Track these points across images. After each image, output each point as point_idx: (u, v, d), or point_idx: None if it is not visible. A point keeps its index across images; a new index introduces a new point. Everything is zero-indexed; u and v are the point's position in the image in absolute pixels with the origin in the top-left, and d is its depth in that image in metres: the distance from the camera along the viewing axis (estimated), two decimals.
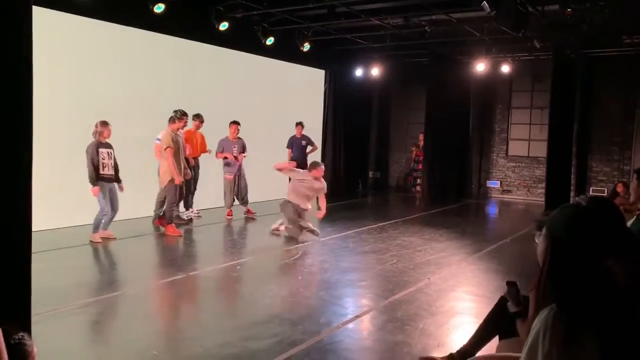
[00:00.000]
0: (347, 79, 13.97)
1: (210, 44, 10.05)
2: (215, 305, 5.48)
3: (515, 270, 6.53)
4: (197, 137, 9.35)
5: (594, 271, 1.71)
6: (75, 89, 8.24)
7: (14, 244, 2.91)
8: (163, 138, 8.15)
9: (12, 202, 2.85)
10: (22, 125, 2.84)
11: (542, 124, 13.15)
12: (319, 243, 8.08)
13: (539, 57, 12.52)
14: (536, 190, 13.55)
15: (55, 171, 7.61)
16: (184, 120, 8.44)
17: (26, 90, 2.83)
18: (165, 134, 8.17)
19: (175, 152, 8.10)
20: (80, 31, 8.25)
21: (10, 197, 2.83)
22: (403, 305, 5.17)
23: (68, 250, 7.06)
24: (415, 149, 14.31)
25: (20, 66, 2.78)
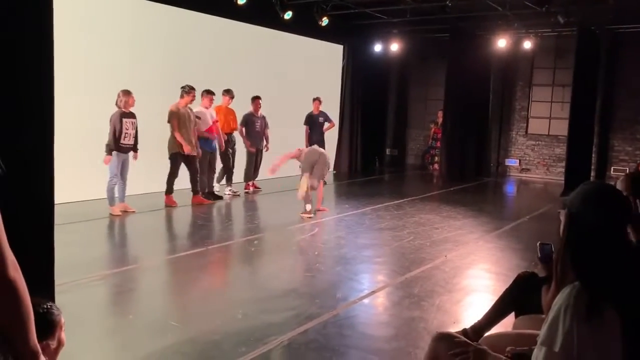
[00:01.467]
0: (366, 55, 13.80)
1: (228, 18, 9.98)
2: (233, 279, 5.54)
3: (534, 249, 6.46)
4: (228, 112, 9.35)
5: (613, 246, 1.70)
6: (96, 62, 8.26)
7: (38, 217, 2.96)
8: (171, 109, 8.17)
9: (35, 175, 2.89)
10: (44, 97, 2.85)
11: (563, 101, 12.92)
12: (336, 219, 8.10)
13: (561, 33, 12.24)
14: (555, 169, 13.38)
15: (77, 143, 7.69)
16: (192, 95, 8.38)
17: (47, 61, 2.84)
18: (172, 105, 8.18)
19: (182, 125, 8.12)
20: (103, 4, 8.24)
21: (34, 169, 2.87)
22: (419, 282, 5.18)
23: (88, 223, 7.17)
24: (433, 126, 14.18)
25: (41, 37, 2.79)
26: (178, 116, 8.10)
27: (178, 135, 8.07)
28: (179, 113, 8.14)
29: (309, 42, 12.14)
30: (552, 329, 1.65)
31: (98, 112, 7.72)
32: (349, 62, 13.64)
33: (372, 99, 14.16)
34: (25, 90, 2.77)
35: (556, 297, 1.71)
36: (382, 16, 12.17)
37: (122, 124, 7.35)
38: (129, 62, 8.67)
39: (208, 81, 9.00)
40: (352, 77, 13.67)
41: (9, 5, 2.66)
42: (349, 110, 13.70)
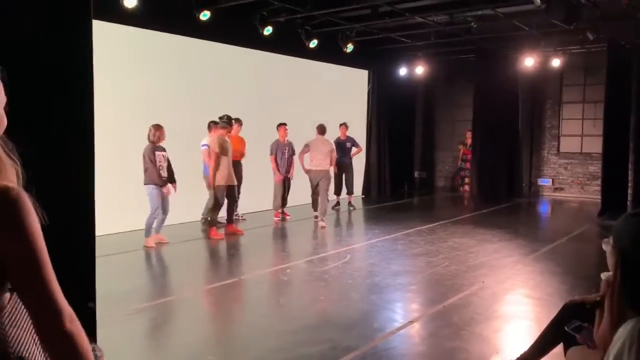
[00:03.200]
0: (391, 79, 13.83)
1: (255, 49, 10.14)
2: (268, 309, 5.49)
3: (573, 272, 6.31)
4: (239, 140, 9.42)
5: None
6: (125, 95, 8.44)
7: (80, 250, 2.98)
8: (211, 143, 8.26)
9: (77, 208, 2.91)
10: (85, 133, 2.90)
11: (595, 118, 12.67)
12: (367, 245, 8.02)
13: (590, 50, 12.08)
14: (590, 187, 13.06)
15: (110, 176, 7.82)
16: (233, 126, 8.51)
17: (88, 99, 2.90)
18: (213, 139, 8.28)
19: (224, 156, 8.21)
20: (131, 40, 8.47)
21: (75, 203, 2.90)
22: (457, 310, 5.05)
23: (123, 255, 7.24)
24: (462, 147, 14.04)
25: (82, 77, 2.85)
26: (222, 147, 8.18)
27: (220, 166, 8.15)
28: (222, 145, 8.21)
29: (335, 68, 12.24)
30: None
31: (128, 146, 7.86)
32: (375, 86, 13.67)
33: (399, 122, 14.13)
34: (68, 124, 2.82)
35: (617, 332, 1.63)
36: (406, 40, 12.21)
37: (156, 157, 7.46)
38: (159, 96, 8.84)
39: (236, 110, 9.11)
40: (378, 101, 13.68)
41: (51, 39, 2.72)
42: (375, 134, 13.69)
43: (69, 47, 2.83)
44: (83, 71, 2.86)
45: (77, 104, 2.86)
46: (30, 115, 1.52)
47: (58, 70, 2.76)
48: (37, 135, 2.55)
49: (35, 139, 2.55)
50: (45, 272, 1.22)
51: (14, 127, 1.39)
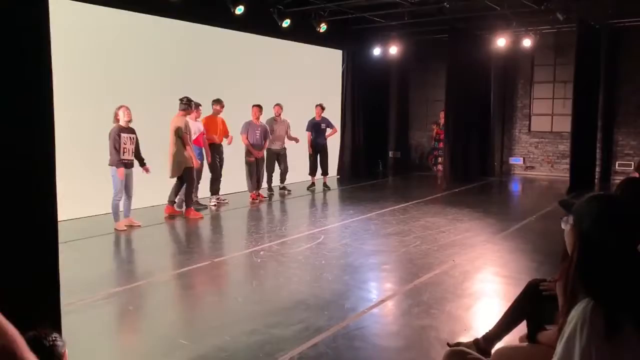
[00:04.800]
0: (365, 59, 13.78)
1: (226, 28, 9.97)
2: (241, 292, 5.50)
3: (542, 250, 6.45)
4: (219, 122, 9.34)
5: (628, 263, 1.66)
6: (93, 76, 8.26)
7: (41, 235, 2.92)
8: (172, 125, 8.18)
9: (38, 193, 2.85)
10: (44, 114, 2.81)
11: (565, 98, 12.86)
12: (341, 226, 8.07)
13: (561, 30, 12.20)
14: (560, 165, 13.31)
15: (78, 159, 7.68)
16: (199, 111, 8.54)
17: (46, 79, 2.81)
18: (177, 120, 8.18)
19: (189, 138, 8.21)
20: (96, 20, 8.25)
21: (36, 187, 2.83)
22: (428, 289, 5.13)
23: (93, 240, 7.15)
24: (435, 127, 14.13)
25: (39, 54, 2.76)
26: (187, 130, 8.14)
27: (189, 148, 8.13)
28: (187, 126, 8.17)
29: (308, 48, 12.14)
30: (568, 345, 1.62)
31: (98, 127, 7.71)
32: (349, 66, 13.61)
33: (373, 103, 14.14)
34: (25, 106, 2.74)
35: (570, 313, 1.67)
36: (380, 20, 12.15)
37: (121, 139, 7.34)
38: (126, 75, 8.67)
39: (208, 91, 9.02)
40: (352, 81, 13.65)
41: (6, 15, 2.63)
42: (350, 114, 13.68)
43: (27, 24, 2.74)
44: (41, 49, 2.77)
45: (36, 84, 2.78)
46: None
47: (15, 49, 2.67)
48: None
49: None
50: None
51: None
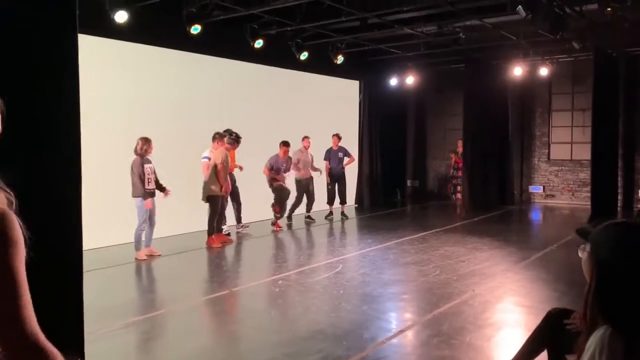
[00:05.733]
0: (382, 89, 13.94)
1: (245, 61, 10.22)
2: (259, 321, 5.50)
3: (564, 279, 6.36)
4: (232, 153, 9.52)
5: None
6: (114, 108, 8.46)
7: (66, 264, 3.00)
8: (215, 155, 8.39)
9: (64, 222, 2.93)
10: (71, 146, 2.92)
11: (584, 126, 12.80)
12: (359, 255, 8.06)
13: (578, 58, 12.23)
14: (581, 194, 13.16)
15: (99, 190, 7.84)
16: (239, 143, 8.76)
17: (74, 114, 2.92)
18: (218, 152, 8.42)
19: (225, 167, 8.42)
20: (122, 54, 8.52)
21: (62, 217, 2.92)
22: (448, 319, 5.09)
23: (114, 269, 7.24)
24: (454, 156, 14.12)
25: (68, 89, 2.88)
26: (225, 159, 8.39)
27: (223, 178, 8.36)
28: (226, 156, 8.40)
29: (326, 79, 12.33)
30: None
31: (117, 159, 7.88)
32: (366, 96, 13.77)
33: (391, 132, 14.23)
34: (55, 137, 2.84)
35: (589, 340, 1.67)
36: (396, 51, 12.32)
37: (144, 170, 7.49)
38: (148, 107, 8.87)
39: (229, 124, 9.16)
40: (370, 111, 13.78)
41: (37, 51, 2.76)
42: (367, 144, 13.77)
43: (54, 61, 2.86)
44: (69, 83, 2.89)
45: (64, 119, 2.89)
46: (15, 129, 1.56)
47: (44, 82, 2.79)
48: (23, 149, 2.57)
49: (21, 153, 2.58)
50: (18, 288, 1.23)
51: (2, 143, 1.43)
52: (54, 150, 2.82)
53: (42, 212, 2.60)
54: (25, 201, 1.41)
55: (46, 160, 2.75)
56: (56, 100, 2.85)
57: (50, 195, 2.72)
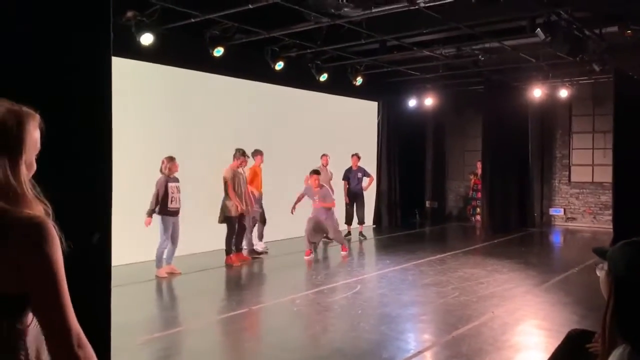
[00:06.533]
0: (400, 110, 14.02)
1: (266, 82, 10.39)
2: (278, 340, 5.52)
3: (584, 302, 6.27)
4: (259, 172, 9.62)
5: None
6: (140, 128, 8.63)
7: (95, 281, 3.08)
8: (224, 173, 8.49)
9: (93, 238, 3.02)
10: (103, 165, 3.03)
11: (605, 148, 12.69)
12: (377, 276, 8.04)
13: (598, 80, 12.18)
14: (603, 217, 12.99)
15: (123, 208, 7.96)
16: (241, 159, 8.71)
17: (107, 133, 3.03)
18: (226, 170, 8.50)
19: (235, 187, 8.40)
20: (147, 76, 8.73)
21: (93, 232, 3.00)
22: (467, 340, 5.05)
23: (135, 286, 7.33)
24: (473, 177, 14.08)
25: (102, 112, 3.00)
26: (233, 178, 8.41)
27: (233, 196, 8.38)
28: (234, 175, 8.43)
29: (345, 100, 12.45)
30: None
31: (141, 178, 8.03)
32: (384, 117, 13.85)
33: (410, 153, 14.26)
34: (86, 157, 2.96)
35: (609, 358, 1.68)
36: (414, 73, 12.41)
37: (168, 189, 7.62)
38: (172, 128, 9.05)
39: (248, 143, 9.29)
40: (388, 132, 13.85)
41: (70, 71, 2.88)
42: (386, 164, 13.81)
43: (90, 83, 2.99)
44: (103, 105, 3.00)
45: (97, 138, 3.00)
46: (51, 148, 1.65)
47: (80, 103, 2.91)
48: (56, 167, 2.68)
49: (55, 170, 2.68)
50: (61, 296, 1.34)
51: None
52: (87, 167, 2.93)
53: (73, 226, 2.69)
54: (57, 216, 1.49)
55: (79, 177, 2.86)
56: (90, 119, 2.96)
57: (82, 211, 2.81)
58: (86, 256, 2.85)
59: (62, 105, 2.73)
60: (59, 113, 2.62)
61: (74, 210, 2.68)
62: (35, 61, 2.69)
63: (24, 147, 1.41)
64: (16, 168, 1.38)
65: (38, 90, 2.56)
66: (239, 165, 8.67)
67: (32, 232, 1.32)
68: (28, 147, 1.43)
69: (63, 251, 1.37)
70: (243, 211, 8.55)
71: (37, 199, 1.41)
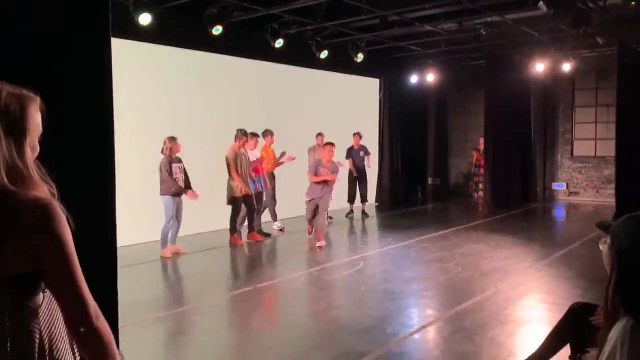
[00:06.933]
0: (402, 86, 13.92)
1: (266, 60, 10.31)
2: (283, 317, 5.59)
3: (587, 276, 6.31)
4: (270, 152, 9.62)
5: None
6: (141, 109, 8.61)
7: (102, 261, 3.11)
8: (227, 154, 8.47)
9: (98, 221, 3.04)
10: (105, 146, 3.02)
11: (608, 122, 12.63)
12: (380, 253, 8.09)
13: (602, 53, 12.05)
14: (605, 191, 12.99)
15: (127, 189, 7.98)
16: (243, 140, 8.68)
17: (108, 114, 3.03)
18: (228, 151, 8.48)
19: (238, 167, 8.40)
20: (146, 56, 8.68)
21: (96, 215, 3.02)
22: (470, 315, 5.10)
23: (139, 267, 7.38)
24: (475, 153, 14.04)
25: (102, 93, 2.99)
26: (235, 159, 8.38)
27: (236, 178, 8.35)
28: (235, 156, 8.41)
29: (346, 77, 12.37)
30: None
31: (143, 158, 8.03)
32: (386, 94, 13.77)
33: (411, 129, 14.19)
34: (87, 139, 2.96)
35: (610, 331, 1.70)
36: (416, 48, 12.29)
37: (172, 169, 7.63)
38: (172, 108, 9.02)
39: (250, 122, 9.26)
40: (390, 109, 13.78)
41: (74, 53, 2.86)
42: (388, 142, 13.77)
43: (89, 64, 2.97)
44: (103, 85, 2.99)
45: (98, 119, 2.99)
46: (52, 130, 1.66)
47: (80, 85, 2.90)
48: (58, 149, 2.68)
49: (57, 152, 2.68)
50: (74, 272, 1.38)
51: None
52: (89, 149, 2.93)
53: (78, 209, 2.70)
54: (62, 199, 1.50)
55: (81, 158, 2.86)
56: (91, 100, 2.96)
57: (86, 193, 2.82)
58: (92, 238, 2.88)
59: (61, 89, 2.72)
60: (59, 98, 2.62)
61: (77, 193, 2.69)
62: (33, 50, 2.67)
63: (28, 130, 1.44)
64: (22, 150, 1.41)
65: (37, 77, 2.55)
66: (241, 146, 8.64)
67: (40, 213, 1.35)
68: (31, 129, 1.45)
69: (72, 231, 1.41)
70: (247, 192, 8.56)
71: (43, 180, 1.44)
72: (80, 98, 2.87)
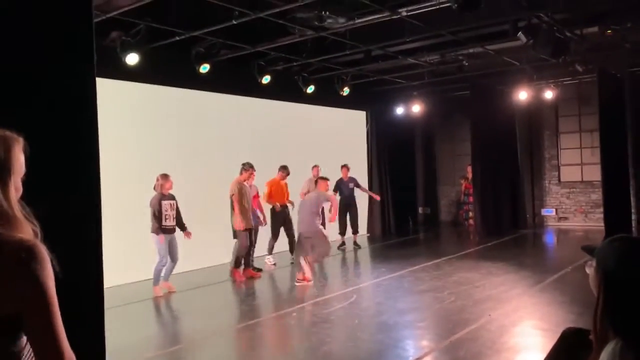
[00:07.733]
0: (389, 118, 14.09)
1: (254, 97, 10.43)
2: (275, 354, 5.51)
3: (580, 301, 6.30)
4: (282, 186, 9.65)
5: None
6: (131, 148, 8.62)
7: (88, 302, 3.06)
8: (231, 187, 8.47)
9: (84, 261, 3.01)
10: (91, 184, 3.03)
11: (593, 147, 12.82)
12: (373, 284, 8.04)
13: (582, 80, 12.32)
14: (594, 215, 13.09)
15: (117, 228, 7.93)
16: (249, 172, 8.70)
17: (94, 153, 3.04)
18: (231, 184, 8.48)
19: (242, 200, 8.37)
20: (135, 96, 8.74)
21: (82, 256, 3.00)
22: (465, 344, 5.06)
23: (132, 306, 7.28)
24: (464, 182, 14.14)
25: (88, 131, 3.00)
26: (240, 192, 8.37)
27: (239, 212, 8.29)
28: (240, 189, 8.40)
29: (333, 111, 12.51)
30: None
31: (136, 197, 8.01)
32: (373, 126, 13.91)
33: (400, 160, 14.30)
34: (75, 174, 2.95)
35: (601, 355, 1.70)
36: (401, 81, 12.50)
37: (162, 207, 7.59)
38: (162, 146, 9.04)
39: (239, 158, 9.29)
40: (377, 140, 13.91)
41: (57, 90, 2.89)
42: (377, 173, 13.84)
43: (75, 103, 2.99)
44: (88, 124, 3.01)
45: (84, 159, 3.00)
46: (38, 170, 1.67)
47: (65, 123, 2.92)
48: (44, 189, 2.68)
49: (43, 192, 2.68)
50: (53, 320, 1.37)
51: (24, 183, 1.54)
52: (75, 188, 2.93)
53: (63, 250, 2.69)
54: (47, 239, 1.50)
55: (66, 198, 2.85)
56: (76, 140, 2.97)
57: (71, 233, 2.81)
58: (78, 279, 2.85)
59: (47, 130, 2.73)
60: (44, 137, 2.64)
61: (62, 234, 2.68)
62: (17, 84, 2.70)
63: (12, 171, 1.45)
64: (6, 191, 1.43)
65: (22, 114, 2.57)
66: (246, 179, 8.63)
67: (24, 255, 1.35)
68: (15, 170, 1.47)
69: (55, 272, 1.40)
70: (250, 226, 8.52)
71: (27, 219, 1.44)
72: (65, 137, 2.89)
